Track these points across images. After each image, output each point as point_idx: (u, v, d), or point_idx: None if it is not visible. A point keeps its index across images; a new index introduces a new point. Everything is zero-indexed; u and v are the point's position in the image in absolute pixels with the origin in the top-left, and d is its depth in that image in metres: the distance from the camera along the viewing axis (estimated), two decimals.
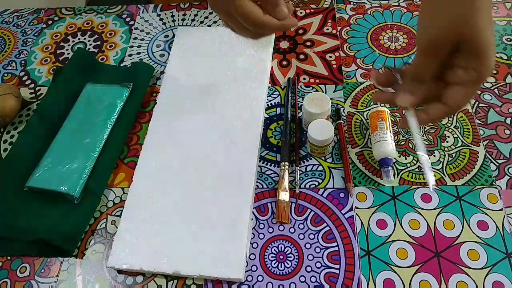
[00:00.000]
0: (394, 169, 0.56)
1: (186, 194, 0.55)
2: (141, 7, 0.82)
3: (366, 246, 0.51)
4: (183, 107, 0.64)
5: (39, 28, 0.81)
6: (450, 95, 0.39)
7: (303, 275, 0.50)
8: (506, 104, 0.62)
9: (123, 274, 0.51)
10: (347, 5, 0.77)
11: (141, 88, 0.67)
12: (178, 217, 0.54)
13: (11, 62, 0.76)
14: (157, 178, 0.57)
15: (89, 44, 0.77)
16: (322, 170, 0.57)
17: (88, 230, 0.55)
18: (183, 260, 0.50)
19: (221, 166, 0.57)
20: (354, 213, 0.53)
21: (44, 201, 0.57)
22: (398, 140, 0.59)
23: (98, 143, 0.60)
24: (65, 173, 0.57)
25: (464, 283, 0.48)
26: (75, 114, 0.64)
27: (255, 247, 0.52)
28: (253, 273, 0.50)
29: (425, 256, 0.50)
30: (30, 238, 0.53)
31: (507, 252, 0.49)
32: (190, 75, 0.68)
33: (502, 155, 0.57)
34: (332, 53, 0.70)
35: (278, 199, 0.54)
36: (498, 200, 0.53)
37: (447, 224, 0.52)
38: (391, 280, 0.48)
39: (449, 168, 0.56)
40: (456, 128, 0.60)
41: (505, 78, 0.65)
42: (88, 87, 0.67)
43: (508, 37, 0.70)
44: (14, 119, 0.68)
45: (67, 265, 0.53)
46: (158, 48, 0.75)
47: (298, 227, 0.53)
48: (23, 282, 0.52)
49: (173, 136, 0.61)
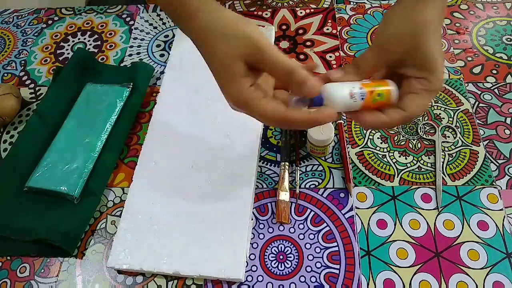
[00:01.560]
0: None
1: (186, 194, 0.55)
2: (141, 7, 0.82)
3: (366, 246, 0.51)
4: (182, 107, 0.64)
5: (39, 28, 0.80)
6: (406, 103, 0.41)
7: (303, 275, 0.49)
8: (506, 104, 0.62)
9: (123, 274, 0.51)
10: (347, 5, 0.77)
11: (141, 88, 0.67)
12: (177, 217, 0.54)
13: (11, 62, 0.76)
14: (157, 178, 0.57)
15: (89, 44, 0.77)
16: (322, 170, 0.57)
17: (88, 230, 0.55)
18: (183, 260, 0.50)
19: (221, 166, 0.57)
20: (354, 213, 0.53)
21: (44, 201, 0.57)
22: (398, 140, 0.59)
23: (98, 143, 0.60)
24: (65, 173, 0.57)
25: (464, 283, 0.48)
26: (75, 114, 0.64)
27: (255, 247, 0.52)
28: (253, 273, 0.50)
29: (425, 256, 0.50)
30: (30, 238, 0.53)
31: (507, 252, 0.49)
32: (190, 75, 0.67)
33: (502, 155, 0.57)
34: (332, 53, 0.70)
35: (278, 199, 0.54)
36: (498, 200, 0.53)
37: (447, 224, 0.52)
38: (391, 280, 0.48)
39: (449, 168, 0.56)
40: (456, 127, 0.60)
41: (505, 78, 0.65)
42: (88, 87, 0.67)
43: (508, 37, 0.70)
44: (14, 119, 0.68)
45: (67, 265, 0.53)
46: (158, 48, 0.74)
47: (298, 227, 0.53)
48: (23, 282, 0.52)
49: (173, 136, 0.61)
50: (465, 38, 0.70)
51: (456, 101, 0.63)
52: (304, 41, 0.73)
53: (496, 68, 0.66)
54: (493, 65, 0.66)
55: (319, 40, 0.73)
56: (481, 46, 0.69)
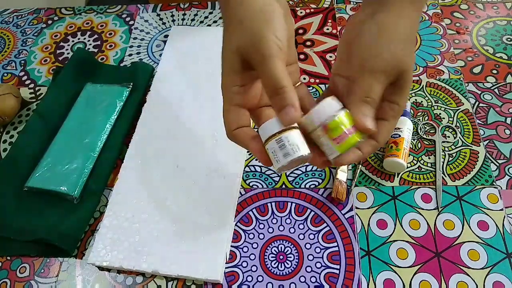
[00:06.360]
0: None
1: (170, 193, 0.56)
2: (141, 7, 0.82)
3: (366, 246, 0.51)
4: (171, 107, 0.64)
5: (39, 28, 0.80)
6: (378, 132, 0.38)
7: (303, 275, 0.49)
8: (506, 104, 0.62)
9: (123, 274, 0.51)
10: (347, 5, 0.77)
11: (140, 88, 0.67)
12: (159, 217, 0.54)
13: (11, 62, 0.76)
14: (142, 177, 0.57)
15: (88, 44, 0.77)
16: (322, 170, 0.57)
17: (88, 230, 0.55)
18: (163, 260, 0.50)
19: (207, 166, 0.57)
20: (354, 213, 0.53)
21: (44, 201, 0.57)
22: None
23: (98, 143, 0.60)
24: (65, 173, 0.57)
25: (464, 283, 0.48)
26: (75, 114, 0.64)
27: (255, 247, 0.52)
28: (253, 273, 0.50)
29: (425, 256, 0.50)
30: (30, 238, 0.53)
31: (507, 252, 0.49)
32: (182, 75, 0.68)
33: (502, 155, 0.57)
34: (332, 53, 0.70)
35: (335, 177, 0.55)
36: (498, 200, 0.53)
37: (447, 224, 0.52)
38: (391, 280, 0.48)
39: (449, 168, 0.56)
40: (456, 127, 0.60)
41: (505, 78, 0.65)
42: (88, 87, 0.67)
43: (508, 37, 0.70)
44: (14, 119, 0.68)
45: (67, 265, 0.53)
46: (158, 48, 0.74)
47: (298, 227, 0.53)
48: (23, 282, 0.52)
49: (160, 135, 0.61)
50: (465, 38, 0.70)
51: (456, 101, 0.63)
52: (304, 41, 0.73)
53: (496, 68, 0.66)
54: (493, 65, 0.66)
55: (319, 40, 0.73)
56: (481, 46, 0.69)
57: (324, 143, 0.37)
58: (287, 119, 0.34)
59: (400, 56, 0.37)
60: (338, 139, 0.36)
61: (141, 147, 0.60)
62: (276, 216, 0.54)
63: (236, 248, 0.52)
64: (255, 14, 0.35)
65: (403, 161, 0.54)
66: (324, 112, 0.36)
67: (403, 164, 0.54)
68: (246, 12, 0.36)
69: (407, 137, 0.56)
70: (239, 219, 0.54)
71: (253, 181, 0.57)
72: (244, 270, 0.50)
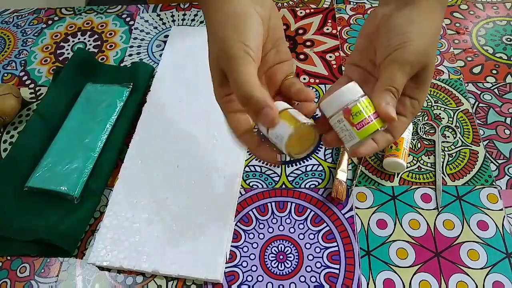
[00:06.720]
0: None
1: (170, 193, 0.56)
2: (141, 7, 0.82)
3: (366, 246, 0.51)
4: (171, 107, 0.64)
5: (39, 28, 0.80)
6: (396, 127, 0.39)
7: (303, 275, 0.50)
8: (506, 104, 0.62)
9: (123, 274, 0.51)
10: (347, 5, 0.77)
11: (141, 88, 0.67)
12: (159, 216, 0.54)
13: (11, 62, 0.76)
14: (142, 177, 0.57)
15: (89, 44, 0.77)
16: (322, 170, 0.57)
17: (88, 230, 0.55)
18: (163, 259, 0.50)
19: (207, 166, 0.57)
20: (354, 213, 0.53)
21: (44, 201, 0.57)
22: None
23: (98, 143, 0.60)
24: (65, 173, 0.57)
25: (464, 283, 0.48)
26: (75, 114, 0.64)
27: (255, 247, 0.52)
28: (253, 273, 0.50)
29: (425, 256, 0.50)
30: (30, 238, 0.53)
31: (507, 252, 0.49)
32: (182, 75, 0.68)
33: (502, 155, 0.57)
34: (332, 53, 0.70)
35: (335, 177, 0.55)
36: (498, 200, 0.53)
37: (447, 224, 0.52)
38: (391, 280, 0.48)
39: (449, 168, 0.56)
40: (456, 127, 0.60)
41: (505, 78, 0.65)
42: (88, 87, 0.67)
43: (508, 37, 0.70)
44: (14, 119, 0.68)
45: (67, 265, 0.53)
46: (158, 48, 0.74)
47: (298, 227, 0.53)
48: (23, 282, 0.52)
49: (160, 135, 0.61)
50: (465, 38, 0.70)
51: (456, 101, 0.63)
52: (304, 41, 0.73)
53: (496, 68, 0.66)
54: (493, 65, 0.66)
55: (319, 40, 0.73)
56: (481, 46, 0.69)
57: (344, 129, 0.36)
58: (269, 119, 0.33)
59: (427, 49, 0.37)
60: (359, 124, 0.35)
61: (141, 147, 0.60)
62: (276, 216, 0.54)
63: (236, 248, 0.52)
64: (227, 21, 0.36)
65: (403, 161, 0.54)
66: (346, 96, 0.35)
67: (403, 164, 0.54)
68: (220, 20, 0.36)
69: (407, 137, 0.56)
70: (239, 219, 0.54)
71: (253, 181, 0.57)
72: (244, 270, 0.50)
